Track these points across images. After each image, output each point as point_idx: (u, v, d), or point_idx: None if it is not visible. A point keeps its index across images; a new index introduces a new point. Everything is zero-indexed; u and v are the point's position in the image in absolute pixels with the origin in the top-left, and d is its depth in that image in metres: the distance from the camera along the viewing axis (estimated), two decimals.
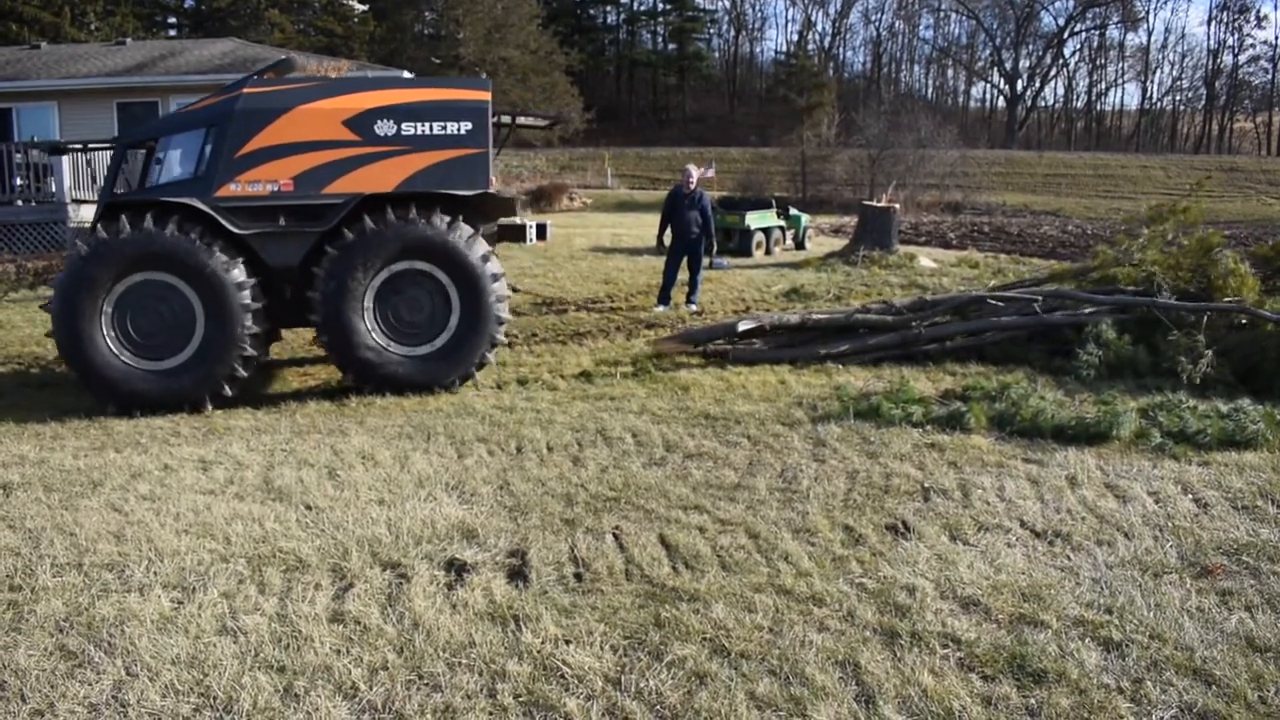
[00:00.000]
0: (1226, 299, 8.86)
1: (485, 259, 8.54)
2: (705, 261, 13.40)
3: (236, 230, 8.31)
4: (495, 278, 8.60)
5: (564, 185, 41.75)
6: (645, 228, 20.58)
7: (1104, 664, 3.48)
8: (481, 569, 4.30)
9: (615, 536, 4.62)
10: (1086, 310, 9.10)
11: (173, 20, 56.40)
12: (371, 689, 3.37)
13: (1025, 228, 32.15)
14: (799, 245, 22.21)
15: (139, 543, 4.78)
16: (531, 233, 22.08)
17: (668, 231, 13.12)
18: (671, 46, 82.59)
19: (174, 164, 8.89)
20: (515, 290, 12.56)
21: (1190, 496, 5.32)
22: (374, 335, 8.51)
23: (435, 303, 8.62)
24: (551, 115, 12.72)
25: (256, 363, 8.69)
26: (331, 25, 50.63)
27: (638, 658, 3.52)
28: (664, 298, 13.08)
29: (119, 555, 4.63)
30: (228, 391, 8.40)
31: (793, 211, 22.45)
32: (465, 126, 8.62)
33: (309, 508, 5.31)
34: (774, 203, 22.18)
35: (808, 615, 3.81)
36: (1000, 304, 9.45)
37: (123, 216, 8.19)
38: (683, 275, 13.19)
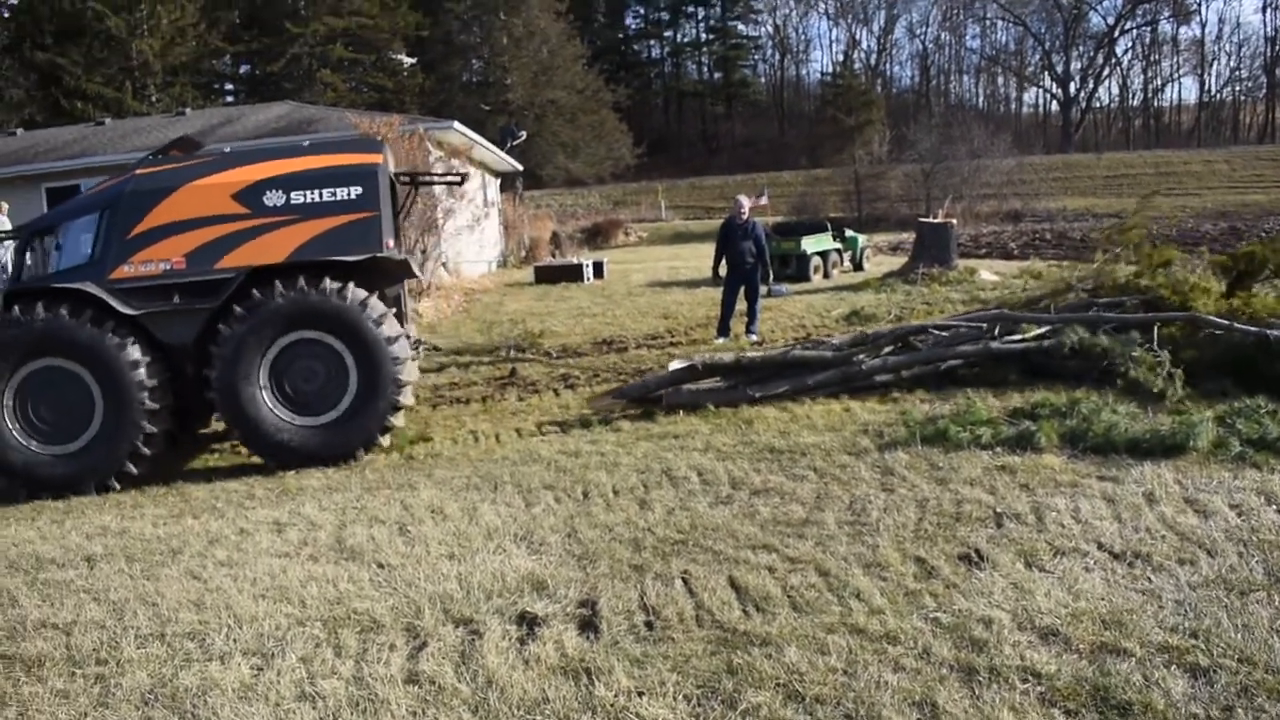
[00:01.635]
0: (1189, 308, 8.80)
1: (378, 322, 8.38)
2: (763, 290, 13.38)
3: (129, 311, 8.31)
4: (390, 340, 8.44)
5: (619, 220, 42.07)
6: (702, 259, 20.66)
7: (1191, 692, 3.38)
8: (552, 621, 4.31)
9: (684, 581, 4.60)
10: (1032, 334, 8.86)
11: (230, 87, 58.19)
12: None
13: (1088, 232, 31.56)
14: (857, 266, 22.08)
15: (218, 610, 4.88)
16: (589, 271, 22.41)
17: (723, 263, 13.14)
18: (717, 75, 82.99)
19: (72, 249, 8.94)
20: (435, 348, 12.37)
21: (1275, 507, 5.15)
22: (274, 408, 8.44)
23: (332, 371, 8.51)
24: (457, 175, 12.80)
25: (167, 441, 8.64)
26: (382, 81, 51.69)
27: (711, 707, 3.49)
28: (723, 329, 13.07)
29: (200, 624, 4.72)
30: (133, 469, 8.34)
31: (849, 233, 22.34)
32: (355, 191, 8.58)
33: (381, 566, 5.37)
34: (829, 225, 22.10)
35: (882, 655, 3.76)
36: (944, 334, 9.19)
37: (15, 306, 8.29)
38: (741, 305, 13.19)
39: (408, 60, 49.98)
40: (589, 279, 22.20)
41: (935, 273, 17.33)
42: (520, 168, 33.86)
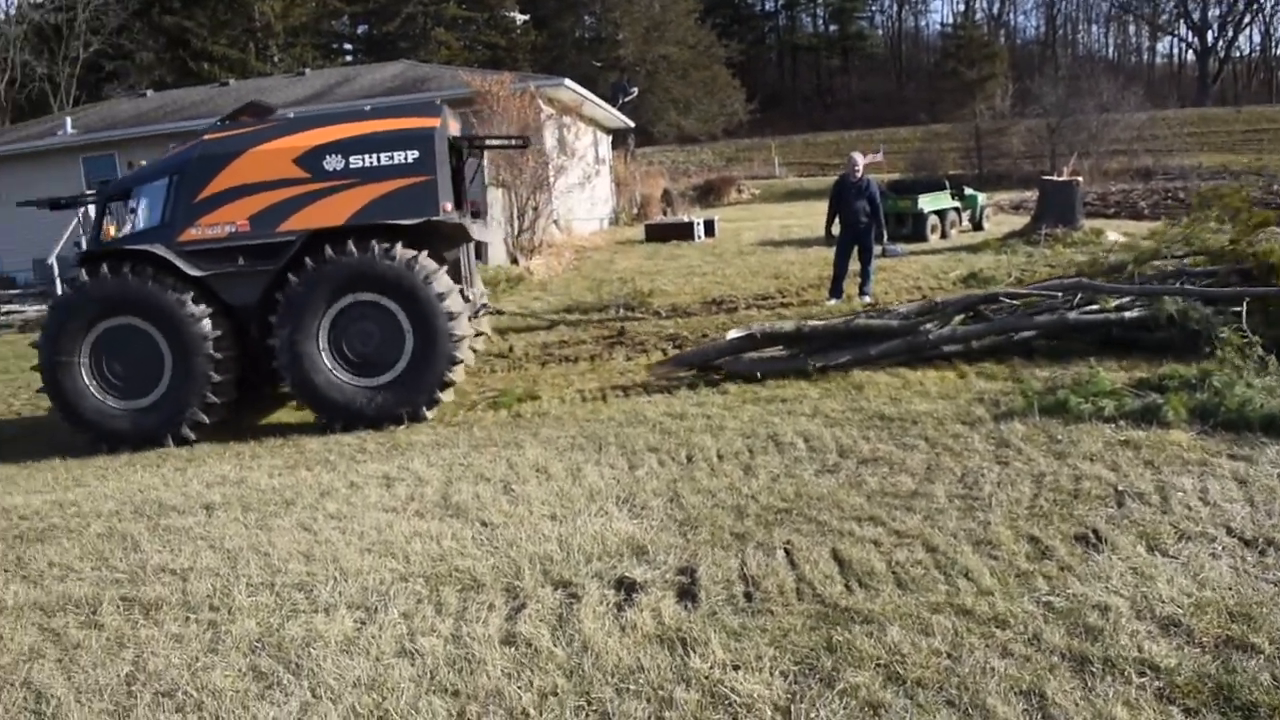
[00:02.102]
0: None
1: (428, 280, 8.48)
2: (877, 250, 13.05)
3: (195, 272, 8.64)
4: (441, 297, 8.52)
5: (731, 178, 41.56)
6: (815, 217, 20.29)
7: None
8: (651, 588, 4.27)
9: (786, 552, 4.51)
10: (1113, 304, 8.36)
11: (349, 47, 59.28)
12: (541, 715, 3.39)
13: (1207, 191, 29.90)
14: (976, 226, 21.37)
15: (326, 562, 5.00)
16: (699, 229, 22.23)
17: (836, 223, 12.85)
18: (833, 28, 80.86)
19: (144, 213, 9.26)
20: (499, 311, 12.27)
21: None
22: (333, 370, 8.65)
23: (388, 333, 8.64)
24: (520, 138, 12.71)
25: (234, 395, 8.96)
26: (495, 39, 52.00)
27: (808, 685, 3.41)
28: (836, 290, 12.81)
29: (308, 575, 4.84)
30: (204, 420, 8.71)
31: (968, 191, 21.60)
32: (413, 155, 8.71)
33: (484, 524, 5.42)
34: (947, 183, 21.41)
35: (989, 639, 3.61)
36: (1015, 302, 8.81)
37: (91, 267, 8.68)
38: (855, 266, 12.89)
39: (520, 17, 50.13)
40: (700, 237, 22.02)
41: (1059, 233, 16.65)
42: (632, 124, 33.74)
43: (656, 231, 22.71)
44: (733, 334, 9.67)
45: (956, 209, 20.73)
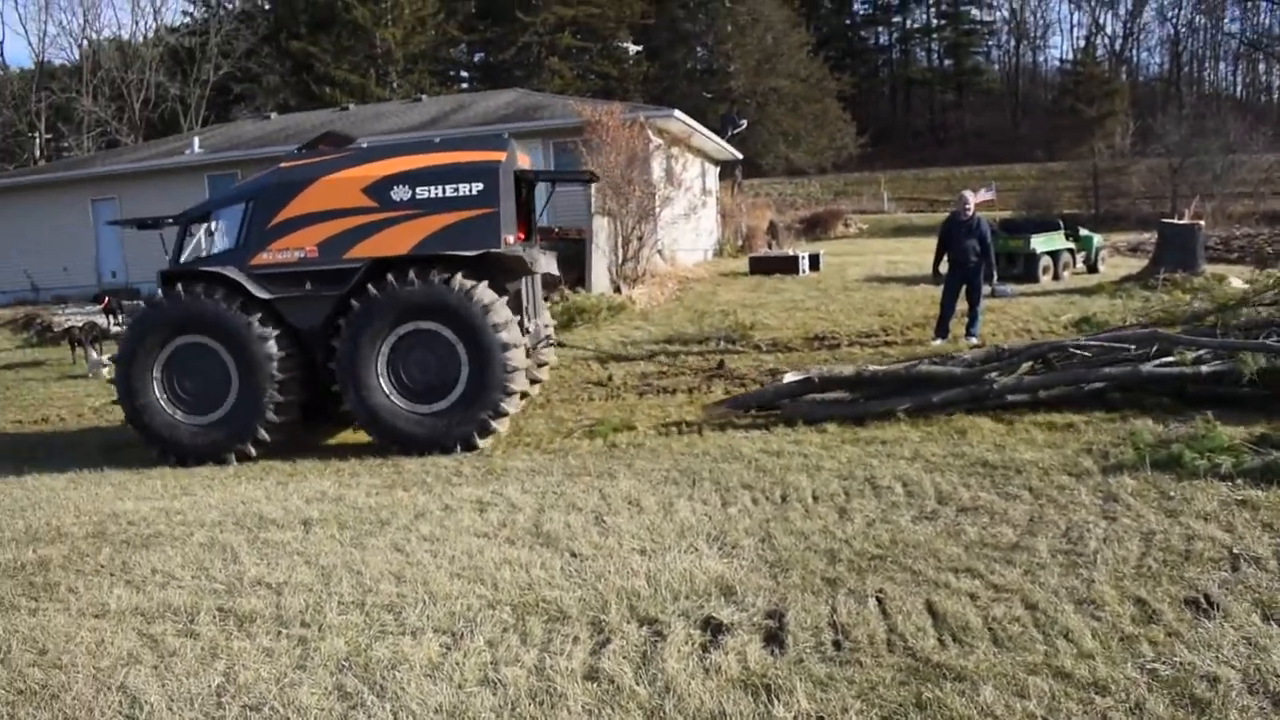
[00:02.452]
0: None
1: (486, 311, 8.63)
2: (985, 290, 12.76)
3: (264, 295, 8.99)
4: (496, 328, 8.68)
5: (839, 211, 41.23)
6: (923, 253, 19.96)
7: None
8: (738, 630, 4.21)
9: (879, 600, 4.39)
10: (1190, 357, 7.99)
11: (465, 74, 60.76)
12: None
13: None
14: (1091, 268, 20.75)
15: (416, 584, 5.06)
16: (804, 263, 22.06)
17: (944, 261, 12.61)
18: (948, 62, 79.71)
19: (222, 235, 9.67)
20: (560, 344, 12.13)
21: None
22: (390, 395, 8.86)
23: (445, 360, 8.80)
24: (586, 172, 12.91)
25: (287, 426, 9.24)
26: (607, 69, 52.67)
27: None
28: (942, 330, 12.55)
29: (398, 596, 4.91)
30: (266, 438, 9.04)
31: (1083, 232, 20.99)
32: (477, 188, 8.91)
33: (574, 555, 5.43)
34: (1062, 223, 20.85)
35: (1088, 705, 3.44)
36: (1086, 353, 8.52)
37: (168, 286, 9.14)
38: (962, 306, 12.62)
39: (633, 48, 50.70)
40: (804, 271, 21.85)
41: (1178, 278, 16.03)
42: (740, 156, 33.75)
43: (760, 264, 22.62)
44: (790, 377, 9.62)
45: (1070, 250, 20.16)
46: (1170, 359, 8.14)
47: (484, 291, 8.76)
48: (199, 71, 50.67)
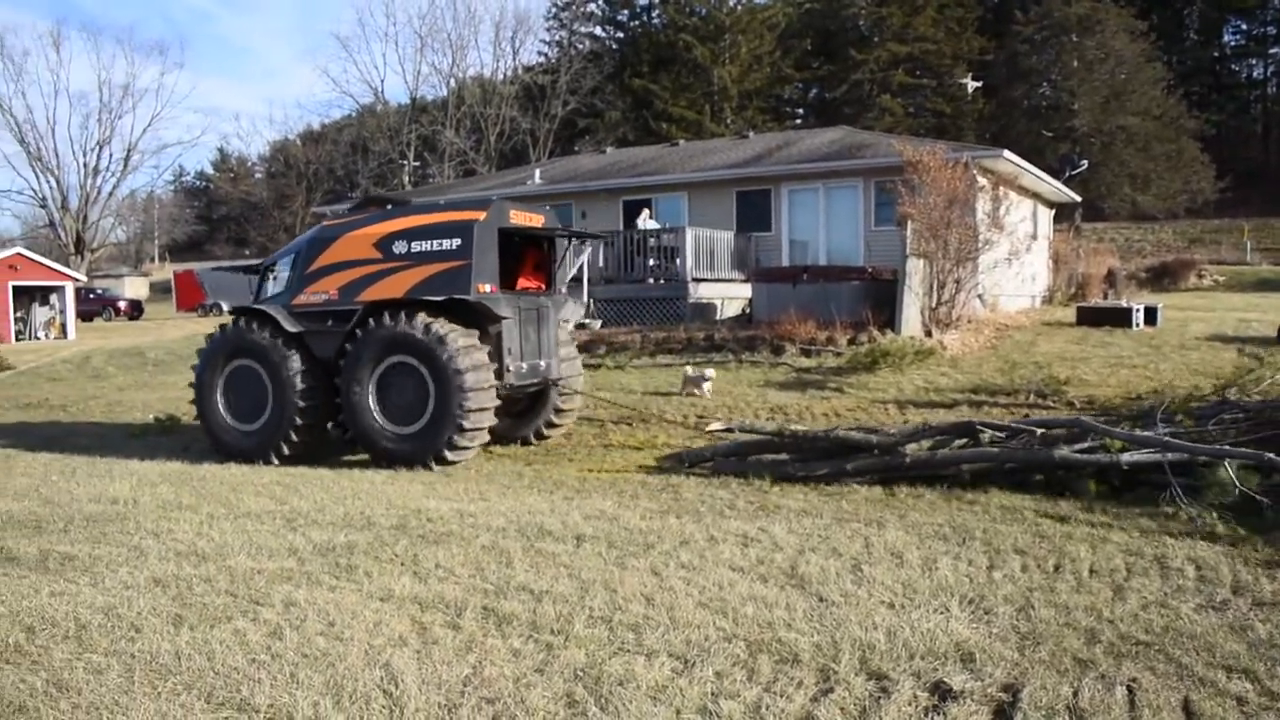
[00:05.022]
0: None
1: (450, 349, 9.93)
2: None
3: (293, 329, 10.89)
4: (458, 363, 9.93)
5: (1191, 261, 37.71)
6: None
7: None
8: (967, 699, 4.04)
9: (1129, 690, 4.06)
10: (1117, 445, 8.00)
11: (800, 110, 61.40)
12: None
13: None
14: None
15: (662, 609, 5.24)
16: (1138, 316, 20.47)
17: None
18: None
19: (278, 280, 11.67)
20: (577, 393, 12.51)
21: None
22: (375, 414, 10.39)
23: (418, 391, 10.18)
24: (598, 234, 15.37)
25: (305, 441, 10.97)
26: (941, 106, 51.46)
27: None
28: None
29: (643, 617, 5.11)
30: (285, 450, 10.83)
31: None
32: (456, 243, 10.40)
33: (821, 599, 5.41)
34: None
35: None
36: (1001, 434, 8.79)
37: (233, 320, 11.41)
38: None
39: (972, 84, 49.13)
40: (1138, 325, 20.25)
41: None
42: (1078, 198, 31.84)
43: (1089, 315, 21.21)
44: (713, 426, 11.11)
45: None
46: (1084, 445, 8.22)
47: (450, 332, 10.10)
48: (548, 107, 54.77)
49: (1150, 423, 8.68)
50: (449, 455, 10.15)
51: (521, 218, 11.18)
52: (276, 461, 10.86)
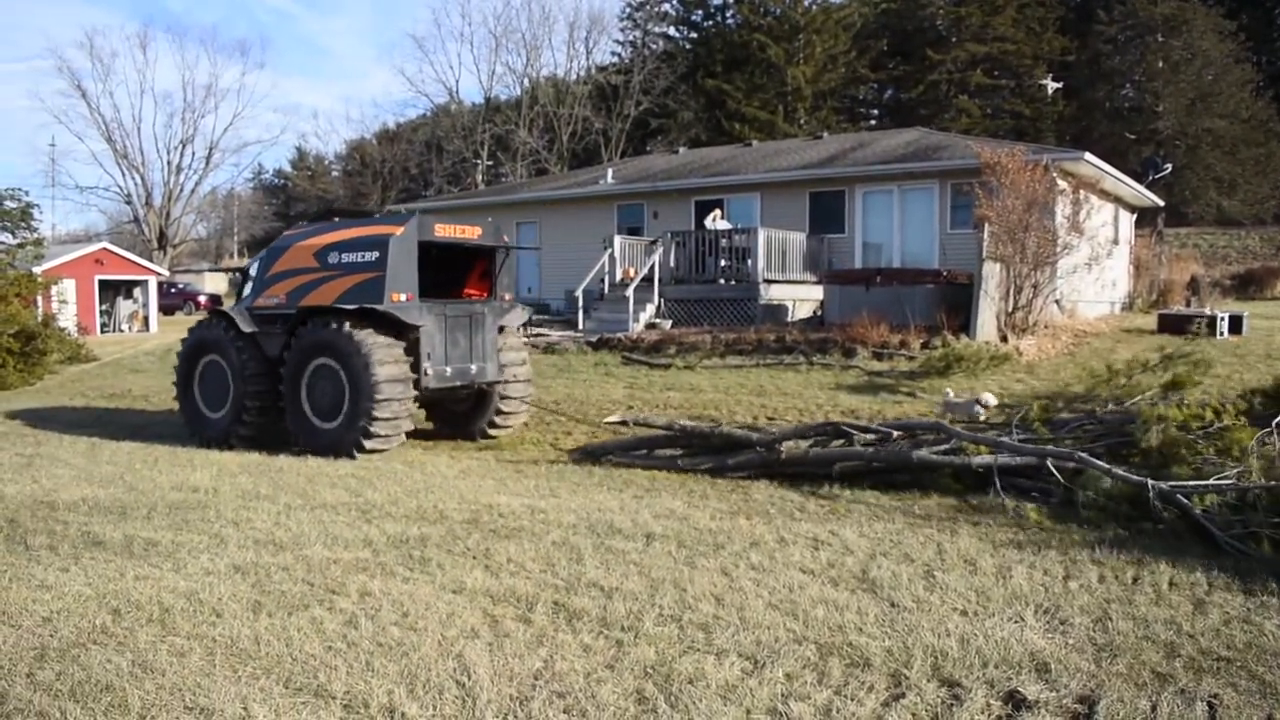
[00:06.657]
0: None
1: (362, 352, 10.75)
2: None
3: (247, 328, 12.04)
4: (369, 365, 10.70)
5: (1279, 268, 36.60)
6: None
7: None
8: (1040, 709, 3.98)
9: (1210, 706, 3.98)
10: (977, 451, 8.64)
11: (874, 111, 60.73)
12: None
13: None
14: None
15: (732, 609, 5.25)
16: (1222, 324, 19.89)
17: None
18: None
19: (249, 284, 12.73)
20: (523, 399, 13.07)
21: None
22: (304, 405, 11.42)
23: (338, 388, 11.07)
24: (530, 247, 16.53)
25: (254, 427, 12.12)
26: (1019, 107, 50.44)
27: None
28: None
29: (713, 617, 5.12)
30: (241, 434, 12.05)
31: None
32: (374, 255, 11.21)
33: (893, 605, 5.37)
34: None
35: None
36: (868, 435, 9.46)
37: (211, 320, 12.72)
38: None
39: (1052, 85, 48.06)
40: (1222, 333, 19.68)
41: None
42: (1161, 203, 31.06)
43: (1170, 322, 20.66)
44: (610, 419, 11.99)
45: None
46: (942, 448, 8.86)
47: (364, 336, 10.88)
48: (621, 107, 54.93)
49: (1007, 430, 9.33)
50: (366, 444, 10.96)
51: (451, 230, 11.96)
52: (235, 444, 12.05)
